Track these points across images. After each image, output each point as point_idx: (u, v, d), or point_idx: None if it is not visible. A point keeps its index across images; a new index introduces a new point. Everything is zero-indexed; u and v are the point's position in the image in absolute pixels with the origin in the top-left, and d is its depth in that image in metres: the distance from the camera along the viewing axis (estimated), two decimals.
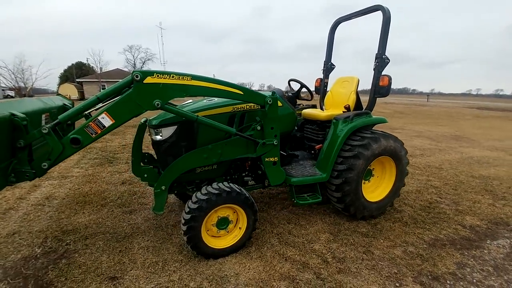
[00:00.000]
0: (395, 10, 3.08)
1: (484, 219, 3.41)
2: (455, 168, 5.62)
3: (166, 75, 2.07)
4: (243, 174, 3.10)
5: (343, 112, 3.31)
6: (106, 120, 2.02)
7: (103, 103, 2.30)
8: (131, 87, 2.05)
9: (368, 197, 3.18)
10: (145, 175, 2.70)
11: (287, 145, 3.54)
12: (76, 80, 42.61)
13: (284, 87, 3.85)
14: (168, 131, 2.56)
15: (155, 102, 2.06)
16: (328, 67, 4.00)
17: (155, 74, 2.04)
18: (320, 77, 4.10)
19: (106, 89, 2.10)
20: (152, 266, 2.36)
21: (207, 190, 2.37)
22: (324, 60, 4.01)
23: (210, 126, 2.37)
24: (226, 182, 2.50)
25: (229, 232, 2.58)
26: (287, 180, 2.86)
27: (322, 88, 4.05)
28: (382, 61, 3.08)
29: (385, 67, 3.12)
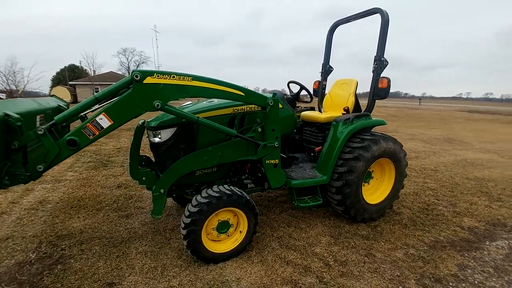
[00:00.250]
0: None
1: (482, 220, 3.43)
2: (450, 170, 5.68)
3: (167, 75, 2.03)
4: (243, 177, 3.06)
5: (343, 114, 3.31)
6: (105, 121, 1.97)
7: (100, 105, 2.24)
8: (130, 88, 2.01)
9: (368, 199, 3.17)
10: (143, 178, 2.64)
11: (287, 147, 3.52)
12: (69, 83, 42.02)
13: (280, 90, 3.85)
14: (167, 133, 2.51)
15: (155, 103, 2.01)
16: (327, 70, 4.01)
17: (155, 74, 2.00)
18: (316, 80, 4.12)
19: (104, 89, 2.05)
20: (151, 271, 2.30)
21: (208, 193, 2.33)
22: (322, 62, 4.03)
23: (211, 127, 2.33)
24: (227, 185, 2.46)
25: (229, 236, 2.53)
26: (288, 182, 2.83)
27: (320, 91, 4.06)
28: (381, 63, 3.10)
29: (384, 69, 3.15)
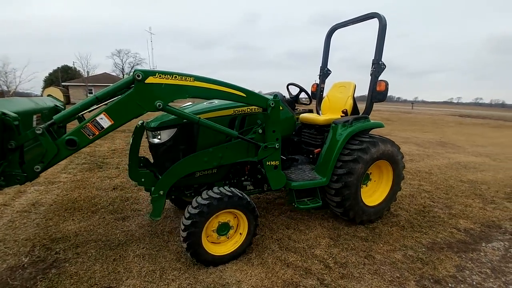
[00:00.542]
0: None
1: (477, 222, 3.48)
2: (444, 173, 5.76)
3: (169, 75, 2.01)
4: (242, 179, 3.04)
5: (341, 116, 3.34)
6: (105, 121, 1.94)
7: (97, 106, 2.20)
8: (131, 87, 1.98)
9: (366, 201, 3.18)
10: (142, 179, 2.60)
11: (286, 149, 3.52)
12: (62, 83, 41.38)
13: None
14: (167, 134, 2.48)
15: (157, 103, 1.99)
16: (325, 73, 4.05)
17: (157, 74, 1.98)
18: (311, 82, 4.16)
19: (105, 89, 2.01)
20: (149, 275, 2.25)
21: (208, 194, 2.30)
22: (320, 66, 4.06)
23: (212, 128, 2.32)
24: (227, 187, 2.44)
25: (229, 238, 2.50)
26: (287, 184, 2.83)
27: (318, 93, 4.09)
28: (379, 67, 3.14)
29: (381, 72, 3.19)
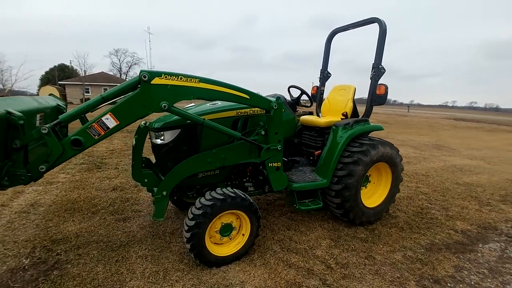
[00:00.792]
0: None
1: (474, 224, 3.55)
2: (440, 175, 5.84)
3: (174, 77, 2.03)
4: (244, 180, 3.06)
5: (342, 119, 3.38)
6: (111, 121, 1.94)
7: (100, 106, 2.20)
8: (138, 88, 1.99)
9: (366, 202, 3.22)
10: (145, 180, 2.60)
11: (286, 151, 3.55)
12: (58, 82, 41.00)
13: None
14: (170, 135, 2.49)
15: (162, 104, 2.01)
16: (325, 76, 4.09)
17: (163, 75, 2.00)
18: (310, 85, 4.22)
19: (111, 89, 2.02)
20: (153, 276, 2.25)
21: (212, 195, 2.31)
22: (321, 69, 4.11)
23: (216, 130, 2.33)
24: (230, 187, 2.46)
25: (232, 239, 2.52)
26: (289, 185, 2.85)
27: (318, 96, 4.14)
28: (379, 70, 3.19)
29: (381, 76, 3.23)
